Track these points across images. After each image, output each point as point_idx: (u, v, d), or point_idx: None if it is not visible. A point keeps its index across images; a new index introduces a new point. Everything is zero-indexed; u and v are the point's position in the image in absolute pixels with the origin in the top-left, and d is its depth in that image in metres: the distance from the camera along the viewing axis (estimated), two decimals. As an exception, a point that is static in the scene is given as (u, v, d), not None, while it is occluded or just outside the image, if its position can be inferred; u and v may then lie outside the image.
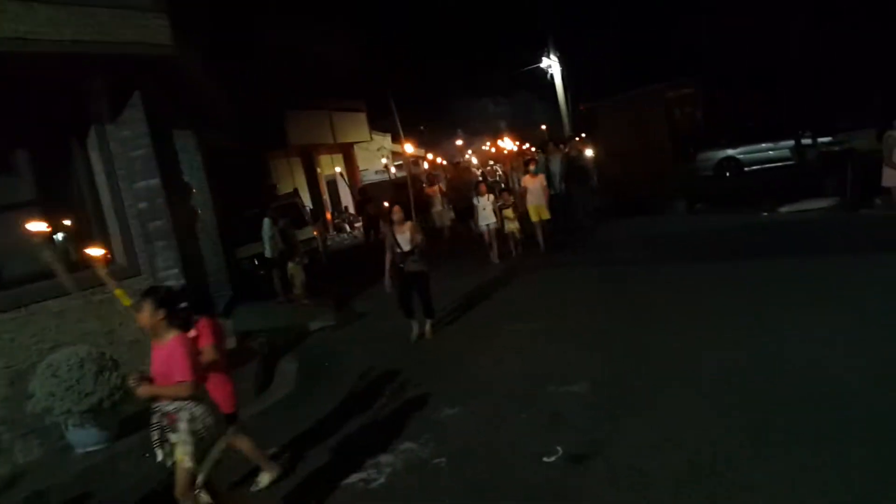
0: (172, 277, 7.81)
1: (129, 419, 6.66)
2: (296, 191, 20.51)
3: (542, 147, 16.88)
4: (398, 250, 8.57)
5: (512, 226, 13.60)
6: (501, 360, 7.28)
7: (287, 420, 6.74)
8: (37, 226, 6.84)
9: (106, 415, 6.32)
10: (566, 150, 15.93)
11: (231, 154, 19.41)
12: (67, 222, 7.48)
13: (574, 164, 14.68)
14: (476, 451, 5.10)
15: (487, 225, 13.36)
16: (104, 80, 7.59)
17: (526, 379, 6.44)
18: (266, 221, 13.74)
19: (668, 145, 22.45)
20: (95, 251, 5.32)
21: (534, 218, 13.50)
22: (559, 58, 35.04)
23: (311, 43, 27.63)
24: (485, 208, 13.37)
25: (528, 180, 13.68)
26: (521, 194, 13.79)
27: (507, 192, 14.95)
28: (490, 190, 14.03)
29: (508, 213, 13.52)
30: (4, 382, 6.33)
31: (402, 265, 8.57)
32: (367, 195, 21.53)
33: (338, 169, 30.86)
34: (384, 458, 5.20)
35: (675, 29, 25.64)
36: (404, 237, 8.57)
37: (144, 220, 7.76)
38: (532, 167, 14.01)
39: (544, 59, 35.49)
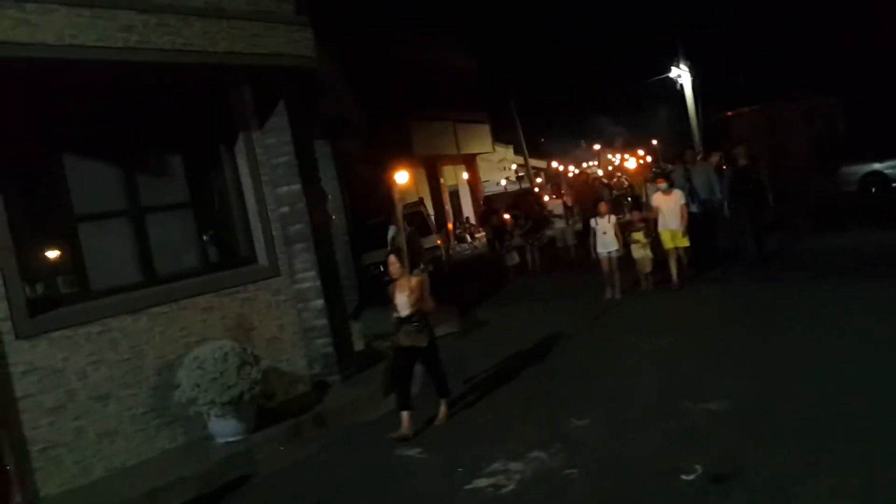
0: (309, 279, 8.10)
1: (264, 413, 6.99)
2: (421, 200, 20.87)
3: (680, 156, 13.77)
4: (395, 315, 6.78)
5: (641, 252, 11.11)
6: (630, 374, 7.09)
7: (414, 421, 6.82)
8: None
9: (245, 407, 6.63)
10: (734, 158, 12.21)
11: (359, 162, 20.00)
12: (217, 223, 7.91)
13: (745, 176, 11.53)
14: (608, 464, 4.99)
15: (609, 253, 11.00)
16: (251, 90, 8.00)
17: (657, 394, 6.26)
18: (392, 228, 14.02)
19: (807, 158, 21.37)
20: None
21: (668, 245, 10.92)
22: (689, 67, 34.04)
23: (436, 55, 28.15)
24: (605, 232, 11.06)
25: (659, 198, 11.14)
26: (653, 216, 11.19)
27: (637, 210, 12.79)
28: (616, 207, 12.58)
29: (638, 236, 11.08)
30: (153, 372, 6.72)
31: (395, 335, 6.80)
32: (491, 207, 21.07)
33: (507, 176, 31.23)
34: (513, 466, 5.18)
35: (817, 36, 24.35)
36: (403, 298, 6.66)
37: (285, 223, 8.10)
38: (662, 184, 11.30)
39: (674, 68, 34.59)
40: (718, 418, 5.41)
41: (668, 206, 10.91)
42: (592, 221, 11.37)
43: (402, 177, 13.88)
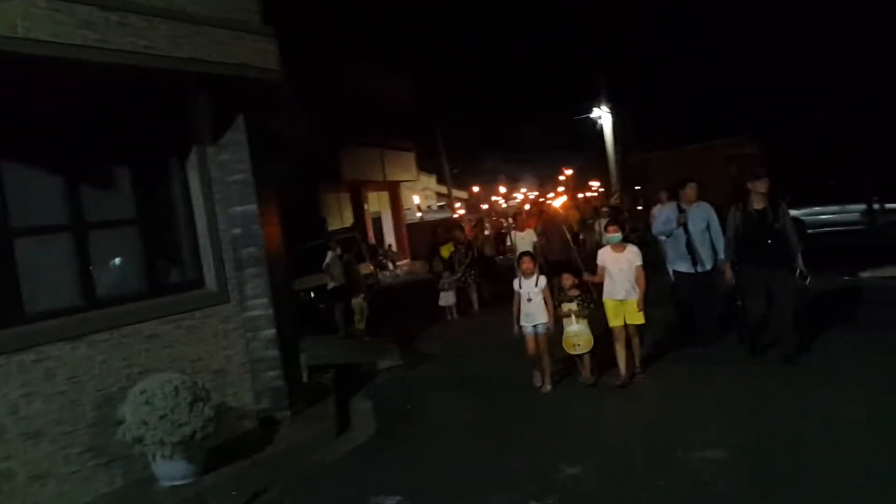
0: (260, 307, 7.56)
1: (213, 452, 6.38)
2: (354, 226, 20.41)
3: (672, 190, 9.67)
4: None
5: (574, 327, 7.85)
6: (602, 417, 6.88)
7: (380, 465, 6.37)
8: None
9: (196, 447, 6.02)
10: (747, 195, 7.85)
11: (289, 185, 19.36)
12: (163, 243, 7.28)
13: (761, 225, 7.58)
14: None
15: (535, 327, 7.81)
16: (209, 102, 7.46)
17: (649, 441, 5.96)
18: (330, 254, 13.55)
19: (725, 202, 22.13)
20: None
21: (613, 321, 7.76)
22: (610, 108, 35.10)
23: (367, 81, 27.88)
24: (530, 299, 7.84)
25: (607, 255, 7.88)
26: (597, 280, 8.02)
27: (569, 270, 8.71)
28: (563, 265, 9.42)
29: (570, 307, 7.91)
30: (92, 407, 6.04)
31: None
32: (442, 236, 17.43)
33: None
34: (511, 518, 4.82)
35: (735, 84, 25.47)
36: None
37: (237, 245, 7.55)
38: (613, 233, 7.97)
39: (595, 109, 35.59)
40: (722, 468, 5.18)
41: (619, 265, 7.75)
42: (515, 283, 8.06)
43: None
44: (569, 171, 53.05)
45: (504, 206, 54.40)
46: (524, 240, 13.46)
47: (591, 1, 31.50)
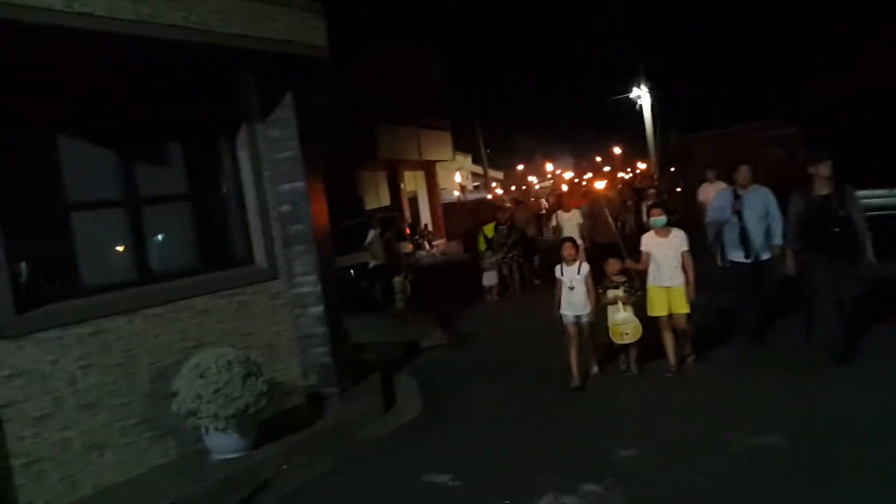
0: (309, 284, 7.59)
1: (263, 427, 6.42)
2: (392, 205, 20.40)
3: (726, 176, 9.17)
4: None
5: (620, 315, 7.48)
6: (661, 405, 6.69)
7: (429, 443, 6.36)
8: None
9: (248, 421, 6.08)
10: (811, 180, 7.10)
11: (327, 164, 19.41)
12: (214, 220, 7.32)
13: (827, 211, 6.90)
14: (676, 499, 4.61)
15: (578, 317, 7.41)
16: (257, 78, 7.46)
17: (702, 426, 5.82)
18: (371, 232, 13.56)
19: (772, 184, 21.70)
20: None
21: (657, 310, 7.43)
22: (650, 88, 34.62)
23: (404, 60, 27.75)
24: (573, 287, 7.40)
25: (651, 240, 7.53)
26: (642, 266, 7.60)
27: (617, 255, 7.96)
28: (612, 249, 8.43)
29: (617, 293, 7.55)
30: (147, 379, 6.13)
31: None
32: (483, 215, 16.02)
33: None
34: (567, 500, 4.75)
35: (774, 66, 24.93)
36: None
37: (286, 223, 7.58)
38: (657, 216, 7.60)
39: (634, 89, 35.14)
40: (778, 455, 5.08)
41: (664, 251, 7.40)
42: (557, 270, 7.56)
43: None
44: (617, 150, 52.56)
45: (538, 187, 54.16)
46: (570, 221, 13.21)
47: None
